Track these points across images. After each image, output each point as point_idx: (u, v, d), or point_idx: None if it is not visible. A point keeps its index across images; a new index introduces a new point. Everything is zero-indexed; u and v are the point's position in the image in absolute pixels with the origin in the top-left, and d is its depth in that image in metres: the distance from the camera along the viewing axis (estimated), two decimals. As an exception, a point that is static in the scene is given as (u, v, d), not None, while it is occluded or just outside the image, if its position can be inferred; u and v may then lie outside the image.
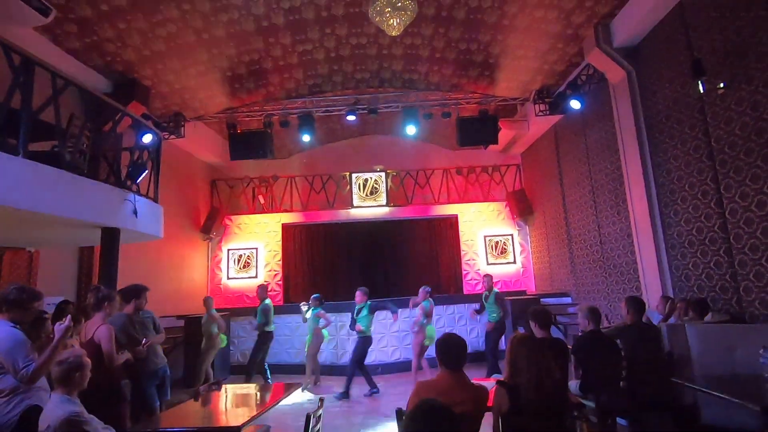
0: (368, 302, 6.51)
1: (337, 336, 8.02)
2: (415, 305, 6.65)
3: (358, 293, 6.56)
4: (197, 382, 6.33)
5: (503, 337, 6.98)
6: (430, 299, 6.58)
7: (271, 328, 6.93)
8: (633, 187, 6.11)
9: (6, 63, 3.65)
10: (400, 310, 6.93)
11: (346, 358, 7.87)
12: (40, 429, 2.33)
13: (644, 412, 3.79)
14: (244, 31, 6.57)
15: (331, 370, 7.83)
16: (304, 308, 7.01)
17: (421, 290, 6.64)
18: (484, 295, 7.18)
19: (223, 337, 6.82)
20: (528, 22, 6.45)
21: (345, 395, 6.15)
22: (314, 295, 6.97)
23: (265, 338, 6.88)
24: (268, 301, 6.99)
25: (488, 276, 7.36)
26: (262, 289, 7.16)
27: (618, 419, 3.89)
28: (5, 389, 2.56)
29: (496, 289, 7.17)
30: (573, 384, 4.00)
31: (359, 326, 6.38)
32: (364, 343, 6.44)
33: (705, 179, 4.86)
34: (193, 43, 6.52)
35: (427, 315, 6.45)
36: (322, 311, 6.80)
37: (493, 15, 6.44)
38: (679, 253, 5.37)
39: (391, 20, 5.28)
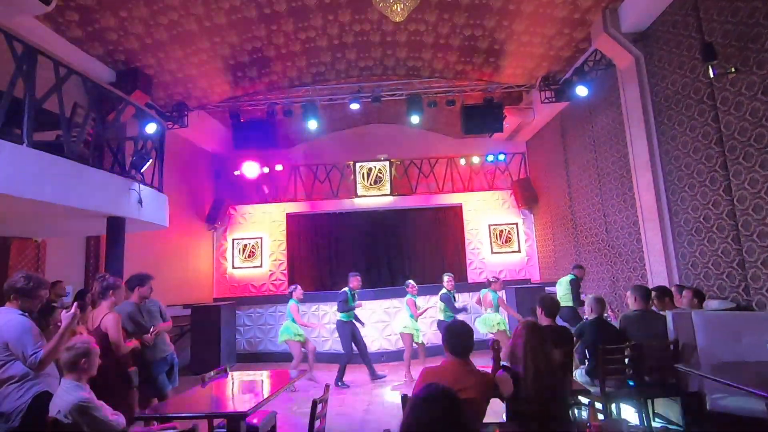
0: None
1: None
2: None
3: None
4: None
5: None
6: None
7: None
8: (640, 175, 6.05)
9: (8, 52, 3.63)
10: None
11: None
12: (50, 414, 2.37)
13: (650, 398, 3.81)
14: (246, 19, 6.50)
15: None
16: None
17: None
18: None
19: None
20: (534, 7, 6.33)
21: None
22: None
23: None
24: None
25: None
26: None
27: (623, 406, 3.91)
28: (15, 375, 2.59)
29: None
30: (579, 371, 4.02)
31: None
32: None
33: (714, 166, 4.79)
34: (195, 32, 6.46)
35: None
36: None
37: (498, 0, 6.33)
38: (686, 240, 5.32)
39: (395, 6, 5.19)
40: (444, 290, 6.68)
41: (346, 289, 6.55)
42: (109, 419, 2.47)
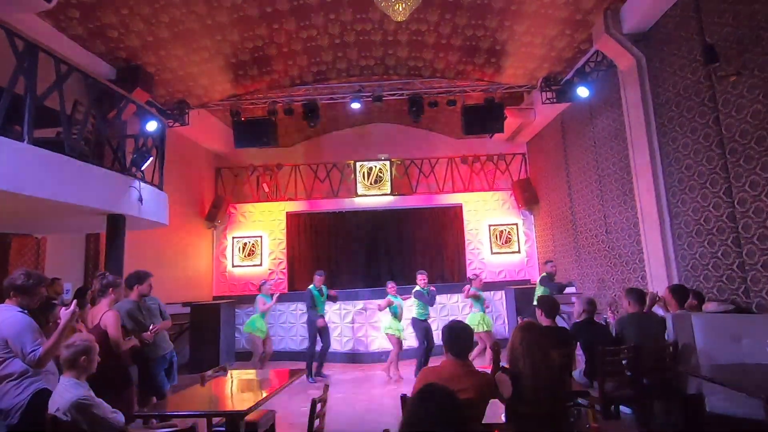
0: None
1: (342, 324, 8.08)
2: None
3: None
4: None
5: None
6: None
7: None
8: (640, 176, 6.04)
9: (10, 48, 3.63)
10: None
11: (354, 345, 7.95)
12: (49, 412, 2.37)
13: (649, 400, 3.81)
14: (247, 17, 6.49)
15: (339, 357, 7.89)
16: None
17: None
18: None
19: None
20: (536, 8, 6.33)
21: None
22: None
23: None
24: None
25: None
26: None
27: (622, 407, 3.92)
28: (14, 373, 2.60)
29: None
30: (577, 372, 4.02)
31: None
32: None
33: (714, 168, 4.79)
34: (196, 30, 6.46)
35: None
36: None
37: (500, 0, 6.33)
38: (686, 242, 5.32)
39: (397, 5, 5.19)
40: (417, 287, 6.79)
41: (311, 287, 6.81)
42: (108, 417, 2.47)
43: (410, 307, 6.94)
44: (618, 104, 6.57)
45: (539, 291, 7.11)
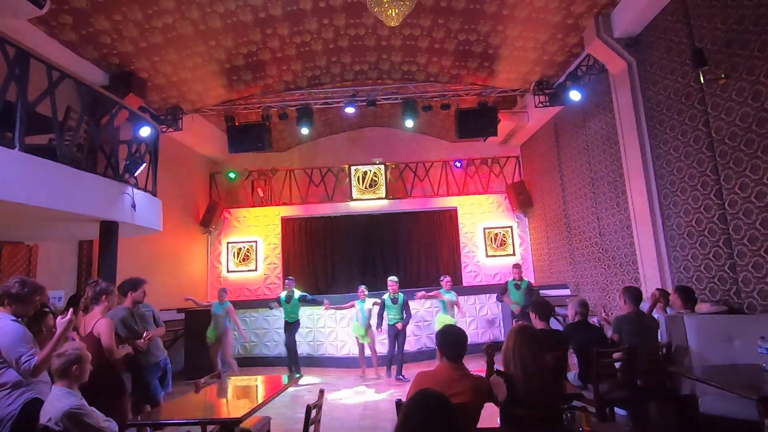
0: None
1: (337, 327, 8.05)
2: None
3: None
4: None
5: None
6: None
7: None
8: (632, 179, 6.10)
9: (1, 55, 3.61)
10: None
11: (350, 350, 7.93)
12: (41, 422, 2.34)
13: (643, 401, 3.82)
14: (241, 23, 6.50)
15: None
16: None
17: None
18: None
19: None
20: (528, 12, 6.39)
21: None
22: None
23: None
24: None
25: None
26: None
27: (617, 409, 3.93)
28: (7, 383, 2.56)
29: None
30: (572, 374, 4.03)
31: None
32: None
33: (705, 170, 4.85)
34: (190, 35, 6.45)
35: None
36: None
37: (492, 5, 6.38)
38: (678, 244, 5.37)
39: (390, 11, 5.22)
40: (386, 294, 7.05)
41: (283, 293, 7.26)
42: (101, 426, 2.45)
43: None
44: (610, 107, 6.63)
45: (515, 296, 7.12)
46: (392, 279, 7.06)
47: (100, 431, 2.43)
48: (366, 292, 7.09)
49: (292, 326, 7.17)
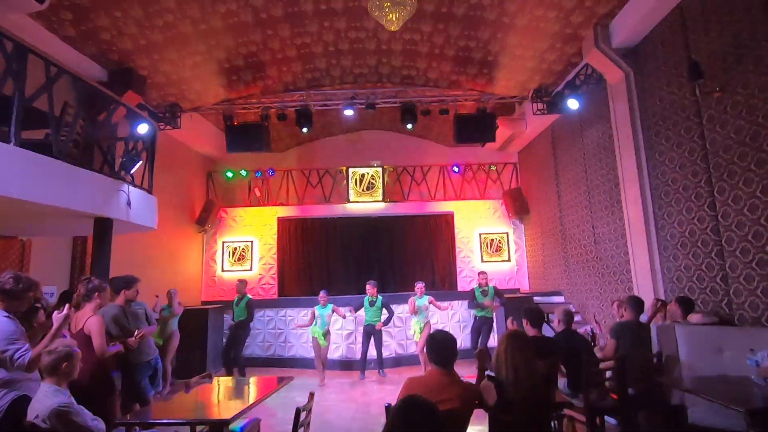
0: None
1: (332, 330, 8.03)
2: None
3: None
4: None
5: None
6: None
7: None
8: (628, 189, 6.13)
9: (-1, 49, 3.61)
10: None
11: (345, 352, 7.91)
12: (28, 419, 2.33)
13: (633, 411, 3.83)
14: (242, 23, 6.51)
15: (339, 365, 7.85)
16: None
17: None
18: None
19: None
20: (527, 21, 6.43)
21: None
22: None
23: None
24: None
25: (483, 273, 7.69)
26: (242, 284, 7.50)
27: (607, 418, 3.94)
28: (-2, 380, 2.54)
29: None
30: (562, 383, 4.03)
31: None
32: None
33: (699, 182, 4.88)
34: (190, 34, 6.45)
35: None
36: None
37: (492, 12, 6.41)
38: (671, 254, 5.40)
39: (391, 15, 5.24)
40: (366, 296, 7.29)
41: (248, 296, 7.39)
42: (89, 425, 2.44)
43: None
44: (607, 117, 6.68)
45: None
46: (371, 282, 7.37)
47: (88, 430, 2.42)
48: (326, 297, 7.16)
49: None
